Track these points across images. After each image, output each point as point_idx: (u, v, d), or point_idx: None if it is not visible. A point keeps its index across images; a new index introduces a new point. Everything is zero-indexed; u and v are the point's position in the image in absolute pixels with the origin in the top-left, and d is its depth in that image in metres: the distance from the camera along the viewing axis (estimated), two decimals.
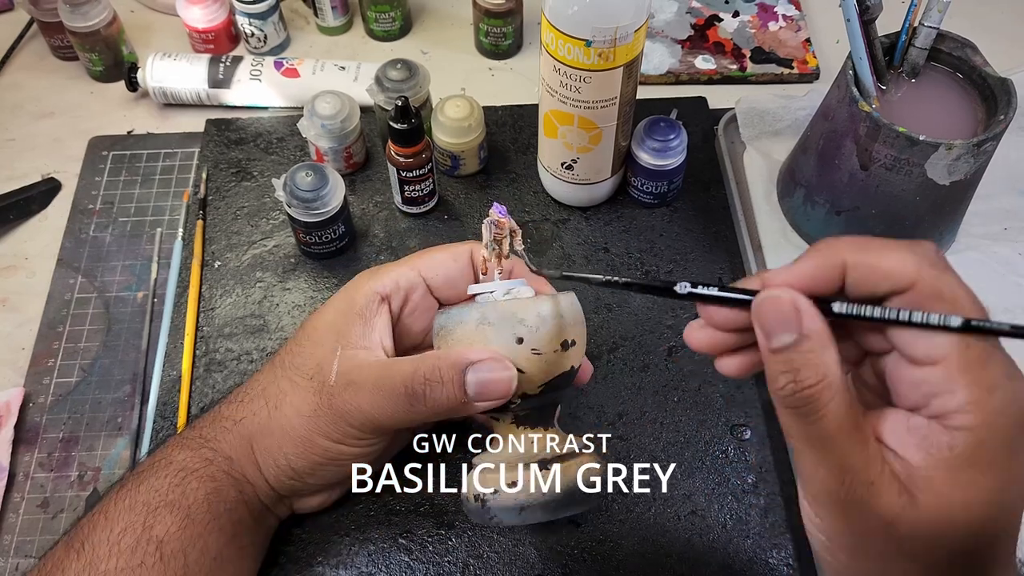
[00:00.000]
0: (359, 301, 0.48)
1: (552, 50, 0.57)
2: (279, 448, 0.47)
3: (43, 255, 0.68)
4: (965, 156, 0.56)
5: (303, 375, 0.47)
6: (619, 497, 0.56)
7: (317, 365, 0.47)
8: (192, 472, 0.46)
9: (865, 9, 0.57)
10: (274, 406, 0.48)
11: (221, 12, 0.78)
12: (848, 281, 0.33)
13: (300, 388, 0.47)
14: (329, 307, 0.49)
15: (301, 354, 0.48)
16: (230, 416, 0.49)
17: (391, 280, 0.48)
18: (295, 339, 0.50)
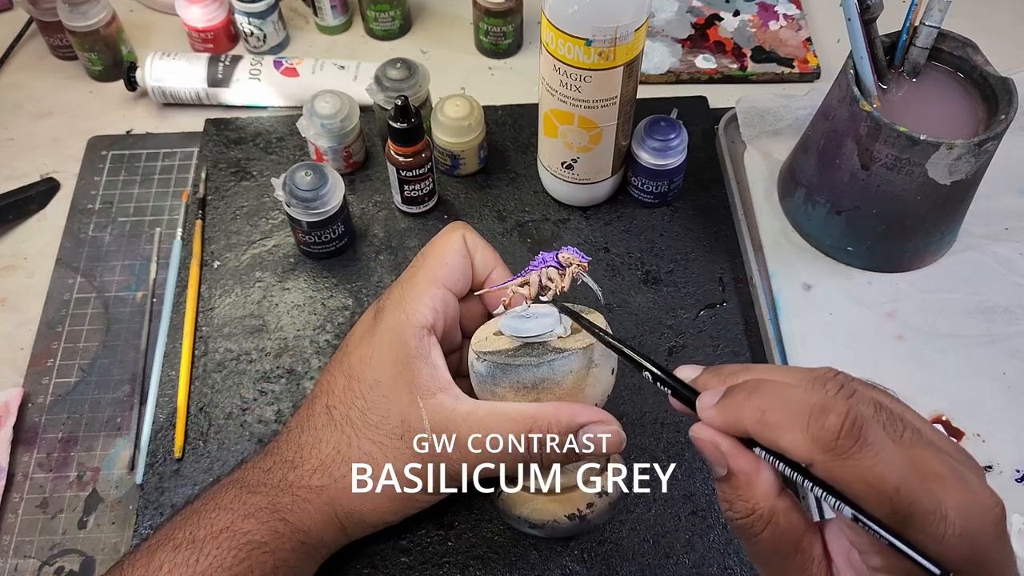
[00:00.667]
0: (411, 343, 0.46)
1: (552, 49, 0.57)
2: (375, 510, 0.46)
3: (42, 255, 0.68)
4: (966, 156, 0.56)
5: (388, 435, 0.46)
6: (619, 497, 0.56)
7: (402, 422, 0.45)
8: (260, 545, 0.44)
9: (866, 8, 0.57)
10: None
11: (220, 11, 0.78)
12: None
13: (391, 449, 0.45)
14: (380, 353, 0.47)
15: (373, 410, 0.46)
16: (305, 485, 0.46)
17: (429, 309, 0.47)
18: (350, 391, 0.47)
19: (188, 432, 0.58)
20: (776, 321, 0.63)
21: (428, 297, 0.47)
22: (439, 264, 0.49)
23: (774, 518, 0.32)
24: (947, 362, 0.61)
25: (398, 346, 0.46)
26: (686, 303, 0.64)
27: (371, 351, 0.47)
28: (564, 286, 0.46)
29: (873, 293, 0.64)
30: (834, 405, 0.30)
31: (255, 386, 0.60)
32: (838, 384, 0.32)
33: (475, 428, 0.45)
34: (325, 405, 0.48)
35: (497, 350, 0.45)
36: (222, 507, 0.45)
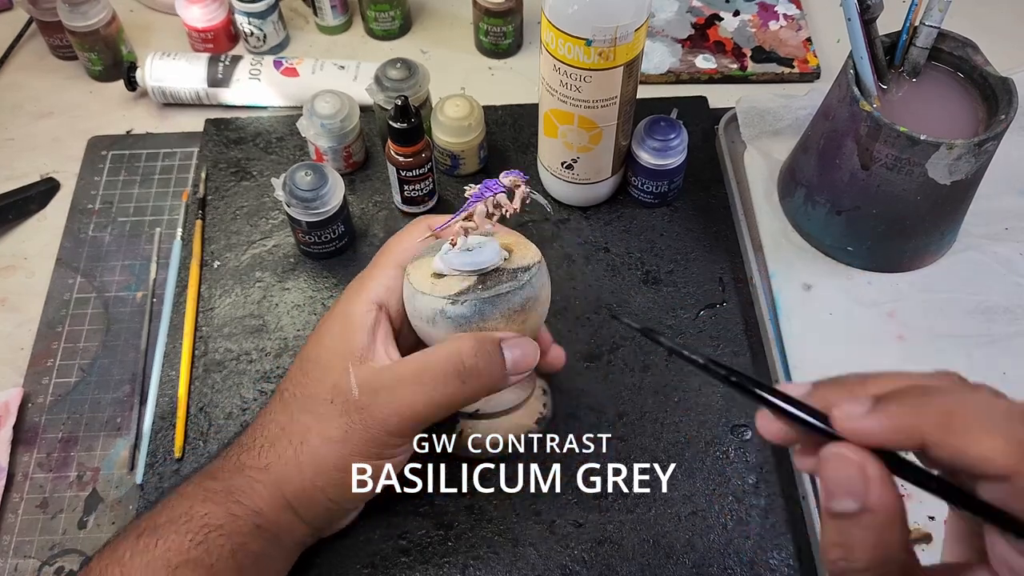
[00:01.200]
0: (356, 315, 0.47)
1: (552, 49, 0.57)
2: (313, 484, 0.46)
3: (42, 255, 0.68)
4: (966, 156, 0.56)
5: (321, 402, 0.46)
6: (619, 497, 0.56)
7: (333, 387, 0.46)
8: (216, 528, 0.44)
9: (866, 8, 0.57)
10: (299, 442, 0.46)
11: (220, 11, 0.78)
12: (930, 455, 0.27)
13: (322, 416, 0.46)
14: (325, 332, 0.48)
15: (310, 384, 0.47)
16: (254, 465, 0.47)
17: (382, 287, 0.48)
18: (299, 370, 0.48)
19: (188, 432, 0.58)
20: (776, 321, 0.63)
21: (384, 276, 0.48)
22: (399, 249, 0.50)
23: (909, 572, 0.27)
24: (947, 362, 0.61)
25: (343, 321, 0.47)
26: (686, 303, 0.64)
27: (322, 330, 0.49)
28: (516, 207, 0.47)
29: (873, 293, 0.64)
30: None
31: (255, 386, 0.60)
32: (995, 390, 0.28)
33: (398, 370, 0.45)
34: (280, 390, 0.49)
35: (466, 288, 0.46)
36: (183, 495, 0.46)
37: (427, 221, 0.51)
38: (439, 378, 0.44)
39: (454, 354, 0.44)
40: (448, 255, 0.47)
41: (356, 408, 0.45)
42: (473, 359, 0.44)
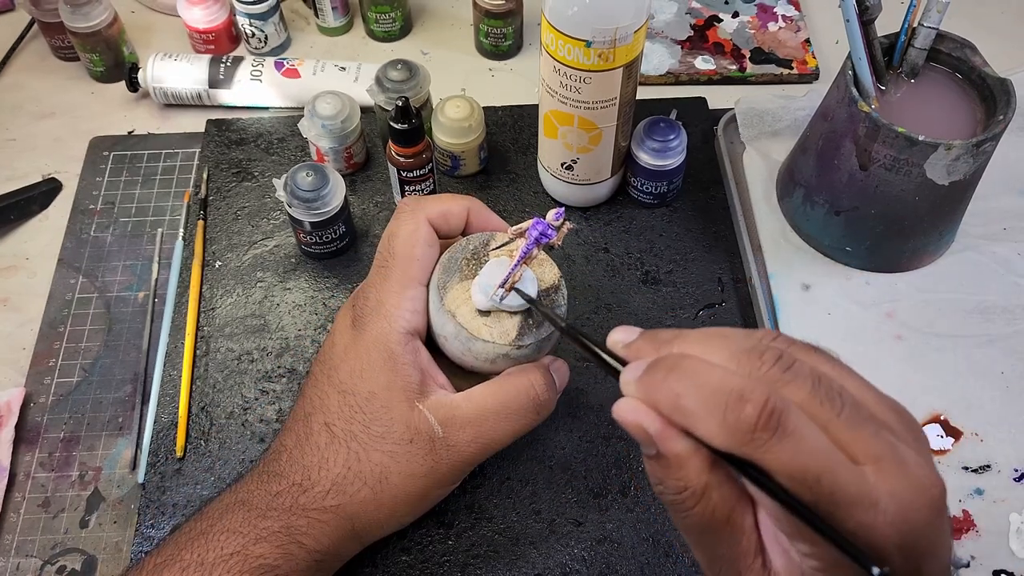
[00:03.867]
0: (397, 351, 0.46)
1: (552, 51, 0.57)
2: (391, 516, 0.47)
3: (44, 255, 0.68)
4: (964, 156, 0.56)
5: (397, 442, 0.45)
6: (619, 496, 0.56)
7: (407, 428, 0.45)
8: (272, 569, 0.43)
9: (864, 9, 0.57)
10: (376, 482, 0.45)
11: (222, 13, 0.78)
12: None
13: (402, 456, 0.45)
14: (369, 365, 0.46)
15: (376, 422, 0.46)
16: (318, 507, 0.45)
17: (410, 313, 0.47)
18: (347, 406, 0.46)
19: (190, 431, 0.58)
20: (775, 321, 0.63)
21: (407, 300, 0.47)
22: (410, 262, 0.48)
23: (706, 493, 0.31)
24: (945, 362, 0.61)
25: (386, 356, 0.46)
26: (685, 303, 0.65)
27: (359, 364, 0.47)
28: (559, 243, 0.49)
29: (872, 293, 0.65)
30: (752, 393, 0.28)
31: (256, 385, 0.61)
32: (775, 355, 0.31)
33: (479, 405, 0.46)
34: (323, 423, 0.47)
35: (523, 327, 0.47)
36: (231, 531, 0.44)
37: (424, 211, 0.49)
38: (520, 412, 0.47)
39: (531, 388, 0.47)
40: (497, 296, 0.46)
41: (444, 446, 0.45)
42: (547, 392, 0.47)
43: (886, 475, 0.29)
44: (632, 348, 0.35)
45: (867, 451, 0.29)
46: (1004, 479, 0.57)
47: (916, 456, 0.30)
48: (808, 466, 0.28)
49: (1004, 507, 0.56)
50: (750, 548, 0.32)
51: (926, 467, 0.30)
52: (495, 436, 0.47)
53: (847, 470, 0.28)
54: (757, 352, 0.31)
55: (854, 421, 0.29)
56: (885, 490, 0.28)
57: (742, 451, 0.29)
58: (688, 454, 0.31)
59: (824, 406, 0.30)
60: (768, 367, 0.30)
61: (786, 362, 0.30)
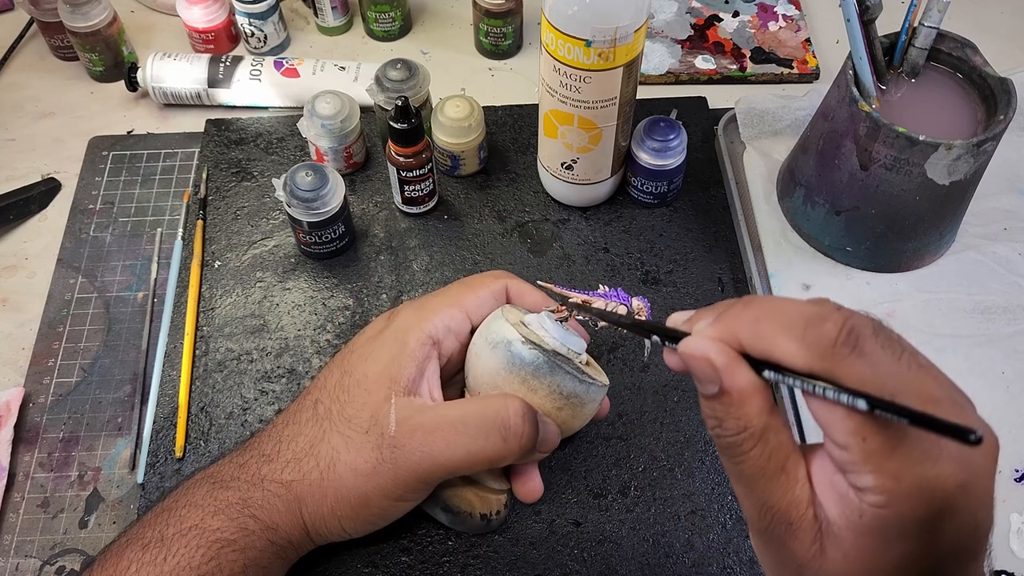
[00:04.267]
0: (411, 344, 0.46)
1: (552, 50, 0.57)
2: (332, 512, 0.45)
3: (43, 255, 0.68)
4: (965, 156, 0.56)
5: (356, 429, 0.44)
6: (619, 497, 0.56)
7: (371, 417, 0.44)
8: (229, 543, 0.43)
9: (865, 9, 0.57)
10: (327, 466, 0.45)
11: (221, 12, 0.78)
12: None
13: (355, 444, 0.44)
14: (375, 353, 0.46)
15: (351, 403, 0.45)
16: (275, 479, 0.45)
17: (442, 324, 0.46)
18: (339, 385, 0.46)
19: (189, 432, 0.58)
20: None
21: (445, 314, 0.47)
22: (468, 293, 0.48)
23: (765, 435, 0.32)
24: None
25: (396, 346, 0.46)
26: (685, 303, 0.65)
27: (371, 348, 0.47)
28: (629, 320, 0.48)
29: (872, 293, 0.65)
30: (831, 314, 0.30)
31: (256, 386, 0.61)
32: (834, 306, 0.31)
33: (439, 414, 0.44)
34: (314, 400, 0.47)
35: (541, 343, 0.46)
36: (192, 504, 0.44)
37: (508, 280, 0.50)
38: (481, 429, 0.43)
39: (502, 409, 0.44)
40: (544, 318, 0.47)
41: (390, 445, 0.44)
42: (520, 419, 0.44)
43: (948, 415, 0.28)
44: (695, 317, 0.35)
45: (928, 392, 0.29)
46: (1005, 479, 0.57)
47: (970, 406, 0.30)
48: (885, 384, 0.29)
49: (1004, 507, 0.56)
50: (803, 498, 0.32)
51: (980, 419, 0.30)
52: (446, 450, 0.43)
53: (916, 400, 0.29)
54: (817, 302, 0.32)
55: (913, 365, 0.30)
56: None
57: (821, 366, 0.29)
58: (752, 390, 0.31)
59: (885, 349, 0.30)
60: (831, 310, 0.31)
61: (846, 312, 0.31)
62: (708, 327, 0.33)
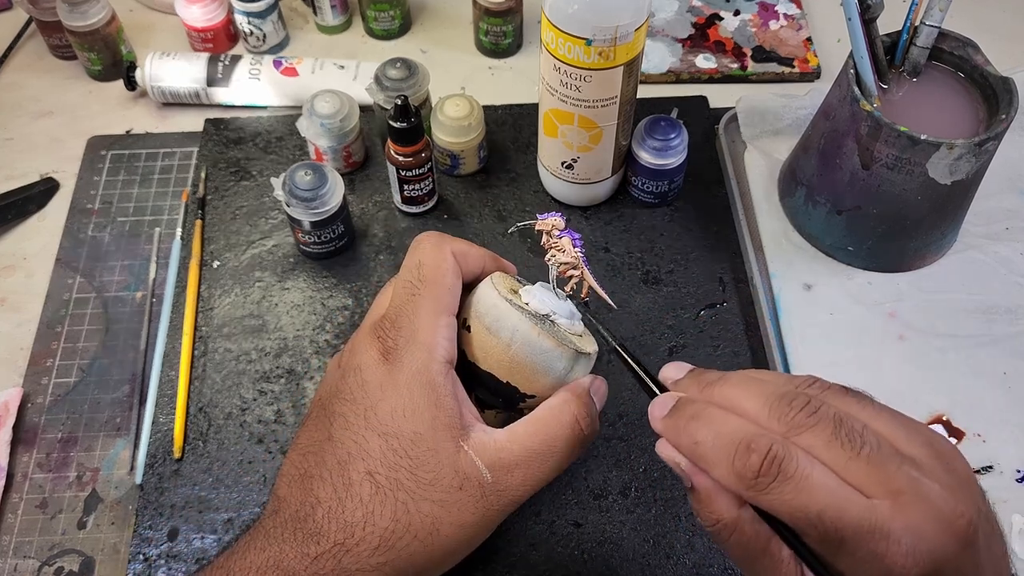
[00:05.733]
0: (438, 382, 0.43)
1: (552, 49, 0.57)
2: (441, 567, 0.44)
3: (42, 255, 0.68)
4: (966, 155, 0.56)
5: (447, 489, 0.42)
6: (619, 498, 0.56)
7: (455, 473, 0.42)
8: None
9: (866, 8, 0.57)
10: (427, 534, 0.42)
11: (220, 11, 0.78)
12: None
13: (454, 505, 0.42)
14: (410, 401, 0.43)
15: (422, 467, 0.42)
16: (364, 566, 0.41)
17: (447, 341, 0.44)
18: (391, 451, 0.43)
19: (188, 432, 0.58)
20: (776, 321, 0.63)
21: (442, 328, 0.44)
22: (442, 291, 0.45)
23: (738, 526, 0.34)
24: (947, 362, 0.61)
25: (428, 390, 0.43)
26: (686, 303, 0.64)
27: (401, 402, 0.43)
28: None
29: (874, 293, 0.64)
30: (759, 442, 0.32)
31: (255, 386, 0.60)
32: (803, 401, 0.33)
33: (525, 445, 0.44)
34: (366, 472, 0.42)
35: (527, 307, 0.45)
36: None
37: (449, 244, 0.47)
38: (566, 450, 0.44)
39: (575, 425, 0.44)
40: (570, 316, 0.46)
41: (494, 492, 0.43)
42: (591, 426, 0.45)
43: (904, 508, 0.30)
44: (678, 385, 0.39)
45: (886, 486, 0.31)
46: (1007, 480, 0.56)
47: (940, 489, 0.31)
48: (808, 504, 0.31)
49: (1006, 508, 0.55)
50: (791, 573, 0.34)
51: (951, 499, 0.31)
52: (543, 476, 0.44)
53: (855, 505, 0.31)
54: (788, 398, 0.34)
55: (874, 458, 0.32)
56: (901, 522, 0.30)
57: (748, 495, 0.33)
58: (717, 489, 0.34)
59: (844, 446, 0.32)
60: (795, 412, 0.33)
61: (813, 407, 0.33)
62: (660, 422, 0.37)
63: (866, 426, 0.33)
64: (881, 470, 0.31)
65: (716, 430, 0.34)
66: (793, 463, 0.32)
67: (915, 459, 0.32)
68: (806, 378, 0.36)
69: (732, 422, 0.34)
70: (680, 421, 0.36)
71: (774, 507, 0.32)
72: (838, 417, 0.33)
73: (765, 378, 0.36)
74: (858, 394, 0.35)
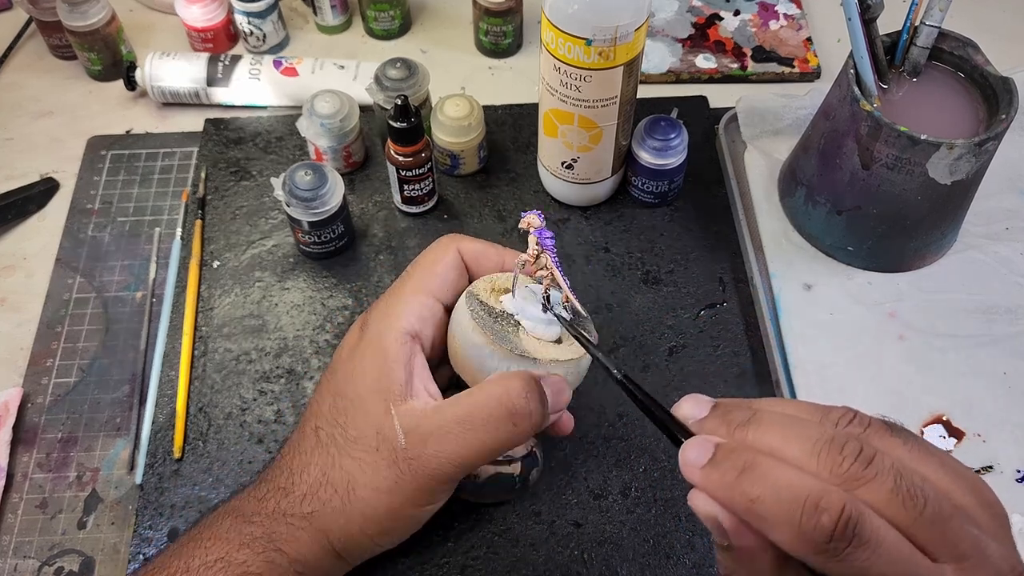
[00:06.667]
0: (391, 349, 0.44)
1: (552, 49, 0.57)
2: (362, 533, 0.44)
3: (42, 255, 0.68)
4: (966, 156, 0.56)
5: (366, 449, 0.44)
6: (619, 498, 0.56)
7: (376, 434, 0.44)
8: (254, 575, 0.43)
9: (866, 8, 0.57)
10: (345, 491, 0.44)
11: (220, 11, 0.78)
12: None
13: (369, 464, 0.44)
14: (359, 367, 0.45)
15: (352, 425, 0.44)
16: (295, 512, 0.44)
17: (415, 315, 0.45)
18: (333, 408, 0.45)
19: (188, 432, 0.58)
20: (776, 321, 0.63)
21: (414, 305, 0.46)
22: (428, 275, 0.47)
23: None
24: (948, 362, 0.61)
25: (380, 354, 0.44)
26: (686, 303, 0.64)
27: (354, 365, 0.45)
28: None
29: (874, 293, 0.64)
30: (829, 501, 0.28)
31: (255, 386, 0.60)
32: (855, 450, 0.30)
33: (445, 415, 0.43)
34: (313, 427, 0.46)
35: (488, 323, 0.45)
36: (217, 536, 0.43)
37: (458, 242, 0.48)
38: (490, 421, 0.42)
39: (503, 395, 0.43)
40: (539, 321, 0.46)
41: (405, 458, 0.43)
42: (524, 400, 0.43)
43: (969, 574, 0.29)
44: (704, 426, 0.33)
45: (951, 550, 0.29)
46: (1007, 480, 0.56)
47: (998, 547, 0.30)
48: (885, 573, 0.28)
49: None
50: None
51: (1009, 557, 0.30)
52: (462, 450, 0.43)
53: (927, 572, 0.29)
54: (838, 445, 0.30)
55: (937, 517, 0.29)
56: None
57: (817, 560, 0.29)
58: (762, 548, 0.31)
59: (907, 505, 0.29)
60: (849, 463, 0.30)
61: (867, 456, 0.30)
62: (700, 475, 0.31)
63: (924, 477, 0.30)
64: (945, 531, 0.29)
65: (775, 484, 0.29)
66: (868, 526, 0.28)
67: (969, 512, 0.30)
68: (843, 412, 0.32)
69: (793, 475, 0.30)
70: (728, 474, 0.31)
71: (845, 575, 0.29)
72: (896, 468, 0.30)
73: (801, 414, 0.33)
74: (901, 430, 0.32)
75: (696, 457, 0.32)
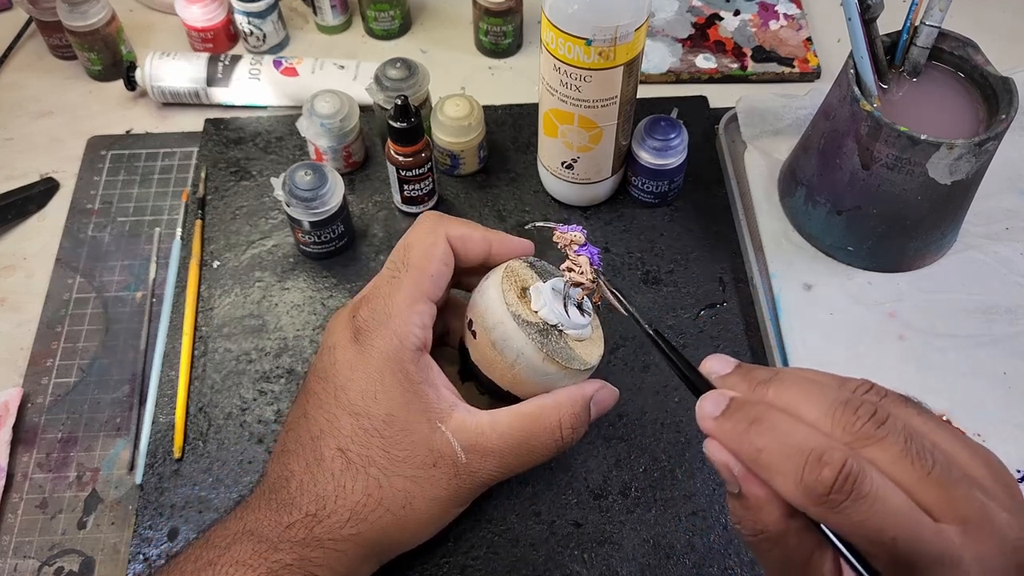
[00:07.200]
0: (411, 369, 0.44)
1: (552, 49, 0.57)
2: (415, 537, 0.46)
3: (42, 255, 0.68)
4: (966, 156, 0.56)
5: (420, 466, 0.44)
6: (619, 498, 0.56)
7: (430, 451, 0.44)
8: None
9: (866, 8, 0.57)
10: (400, 507, 0.44)
11: (220, 11, 0.78)
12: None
13: (427, 481, 0.44)
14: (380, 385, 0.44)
15: (396, 446, 0.44)
16: (334, 536, 0.43)
17: (419, 329, 0.45)
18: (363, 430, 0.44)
19: (188, 432, 0.58)
20: (776, 321, 0.63)
21: (416, 315, 0.45)
22: (423, 277, 0.46)
23: (783, 538, 0.32)
24: (947, 362, 0.61)
25: (400, 376, 0.44)
26: (686, 303, 0.64)
27: (371, 386, 0.44)
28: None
29: (874, 293, 0.64)
30: (832, 455, 0.30)
31: (255, 386, 0.60)
32: (869, 410, 0.31)
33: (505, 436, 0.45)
34: (337, 448, 0.44)
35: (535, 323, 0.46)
36: (240, 563, 0.41)
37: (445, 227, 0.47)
38: (542, 450, 0.46)
39: (556, 430, 0.45)
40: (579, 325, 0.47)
41: (467, 471, 0.45)
42: (572, 434, 0.46)
43: (974, 536, 0.29)
44: (726, 382, 0.36)
45: (956, 511, 0.30)
46: None
47: (1007, 516, 0.30)
48: (883, 527, 0.29)
49: None
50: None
51: (1017, 527, 0.30)
52: (516, 467, 0.46)
53: (929, 531, 0.29)
54: (852, 406, 0.32)
55: (944, 480, 0.30)
56: (972, 552, 0.29)
57: (816, 511, 0.30)
58: (769, 498, 0.32)
59: (915, 465, 0.30)
60: (862, 423, 0.31)
61: (880, 418, 0.31)
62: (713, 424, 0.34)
63: (935, 443, 0.31)
64: (951, 493, 0.30)
65: (782, 437, 0.31)
66: (868, 481, 0.29)
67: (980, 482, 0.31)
68: (862, 382, 0.34)
69: (800, 430, 0.31)
70: (739, 424, 0.33)
71: (843, 527, 0.30)
72: (907, 431, 0.31)
73: (821, 380, 0.34)
74: (917, 405, 0.33)
75: (711, 408, 0.34)
